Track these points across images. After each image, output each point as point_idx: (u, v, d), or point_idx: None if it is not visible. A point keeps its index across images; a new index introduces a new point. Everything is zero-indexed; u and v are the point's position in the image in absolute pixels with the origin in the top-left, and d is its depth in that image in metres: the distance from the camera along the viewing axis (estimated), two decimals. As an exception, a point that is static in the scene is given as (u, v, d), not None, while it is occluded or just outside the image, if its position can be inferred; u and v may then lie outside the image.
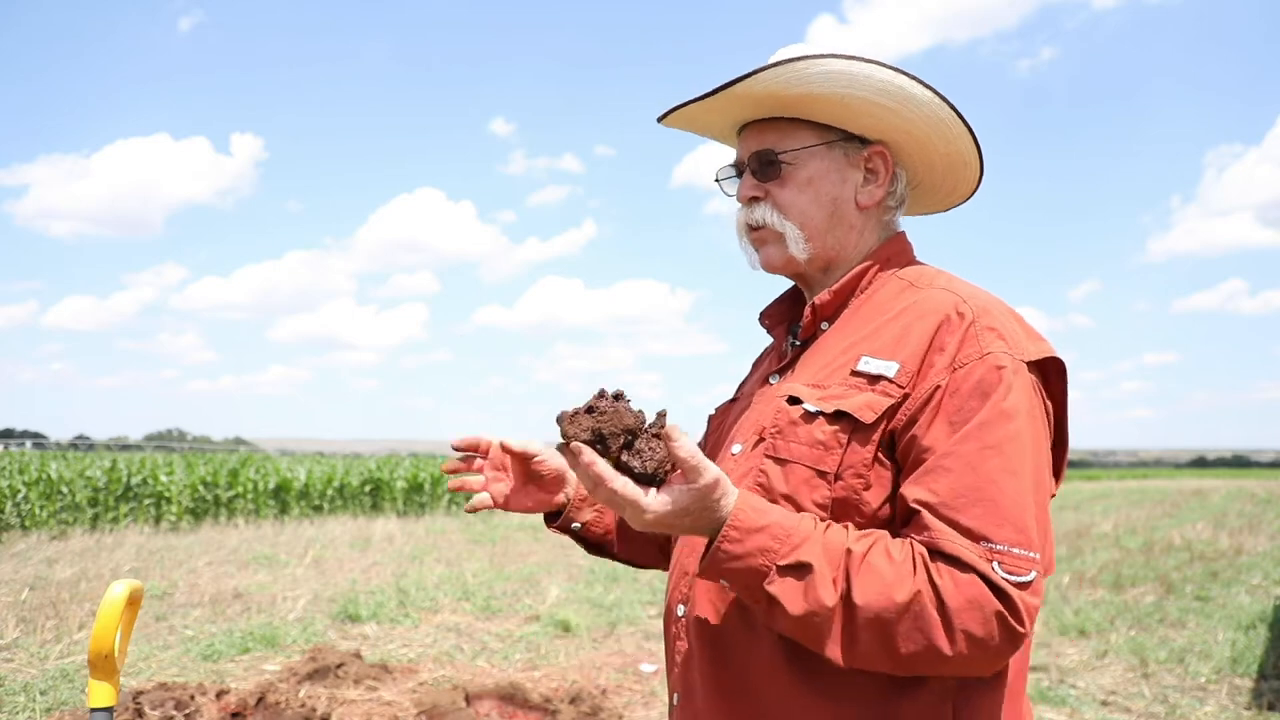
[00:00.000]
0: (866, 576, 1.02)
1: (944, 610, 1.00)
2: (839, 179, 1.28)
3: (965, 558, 1.01)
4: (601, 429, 1.01)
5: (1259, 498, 28.09)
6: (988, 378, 1.09)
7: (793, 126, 1.27)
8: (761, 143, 1.29)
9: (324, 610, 6.96)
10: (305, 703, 4.32)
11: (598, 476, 1.01)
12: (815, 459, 1.13)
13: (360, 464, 19.53)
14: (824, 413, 1.15)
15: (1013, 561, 1.01)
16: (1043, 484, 1.09)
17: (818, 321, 1.29)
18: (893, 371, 1.13)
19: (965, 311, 1.15)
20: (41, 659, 5.21)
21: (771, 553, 1.03)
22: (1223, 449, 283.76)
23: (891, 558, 1.03)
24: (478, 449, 1.45)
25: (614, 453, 1.02)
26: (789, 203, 1.27)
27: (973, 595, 1.00)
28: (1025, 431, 1.08)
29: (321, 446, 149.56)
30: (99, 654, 1.36)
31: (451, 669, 5.34)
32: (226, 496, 14.55)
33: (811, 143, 1.27)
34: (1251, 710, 4.83)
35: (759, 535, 1.04)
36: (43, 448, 39.67)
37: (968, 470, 1.05)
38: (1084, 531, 14.96)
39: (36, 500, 12.07)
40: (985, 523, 1.02)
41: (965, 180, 1.36)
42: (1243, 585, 8.99)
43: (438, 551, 10.90)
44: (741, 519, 1.04)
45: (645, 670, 5.45)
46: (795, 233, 1.27)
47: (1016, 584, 1.01)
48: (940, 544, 1.02)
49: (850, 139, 1.28)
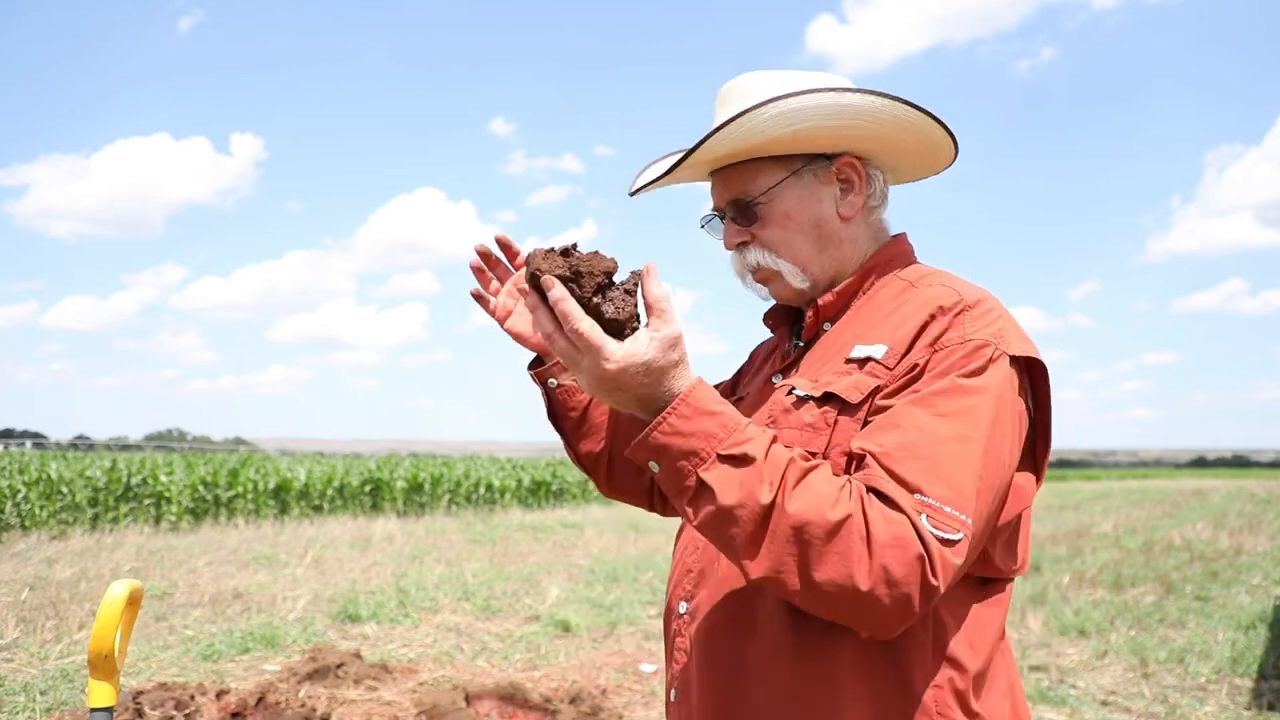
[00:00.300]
0: (803, 489, 1.00)
1: (869, 541, 0.98)
2: (815, 201, 1.29)
3: (897, 499, 1.00)
4: (579, 267, 0.98)
5: (1259, 498, 28.09)
6: (962, 359, 1.10)
7: (756, 166, 1.28)
8: (731, 190, 1.30)
9: (324, 610, 6.96)
10: (305, 703, 4.32)
11: (565, 313, 0.98)
12: (805, 441, 1.14)
13: (360, 464, 19.53)
14: (813, 396, 1.16)
15: (942, 518, 1.00)
16: (997, 462, 1.07)
17: (820, 322, 1.31)
18: (880, 353, 1.15)
19: (958, 301, 1.16)
20: (41, 659, 5.21)
21: (715, 439, 1.01)
22: (1223, 449, 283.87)
23: (830, 481, 1.02)
24: (508, 248, 1.44)
25: (587, 294, 0.98)
26: (775, 241, 1.28)
27: (898, 533, 0.98)
28: (986, 408, 1.07)
29: (321, 446, 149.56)
30: (99, 654, 1.36)
31: (451, 669, 5.34)
32: (226, 496, 14.55)
33: (779, 177, 1.27)
34: (1251, 710, 4.83)
35: (708, 419, 1.02)
36: (43, 448, 39.67)
37: (915, 429, 1.05)
38: (1084, 531, 14.95)
39: (36, 500, 12.07)
40: (921, 477, 1.02)
41: (943, 149, 1.34)
42: (1243, 585, 9.00)
43: (438, 551, 10.89)
44: (695, 398, 1.02)
45: (645, 670, 5.45)
46: (790, 268, 1.29)
47: (941, 539, 0.99)
48: (876, 483, 1.02)
49: (814, 159, 1.29)
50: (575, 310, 0.99)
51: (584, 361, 1.01)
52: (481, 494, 19.09)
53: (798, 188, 1.28)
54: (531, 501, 20.45)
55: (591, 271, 0.98)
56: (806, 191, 1.28)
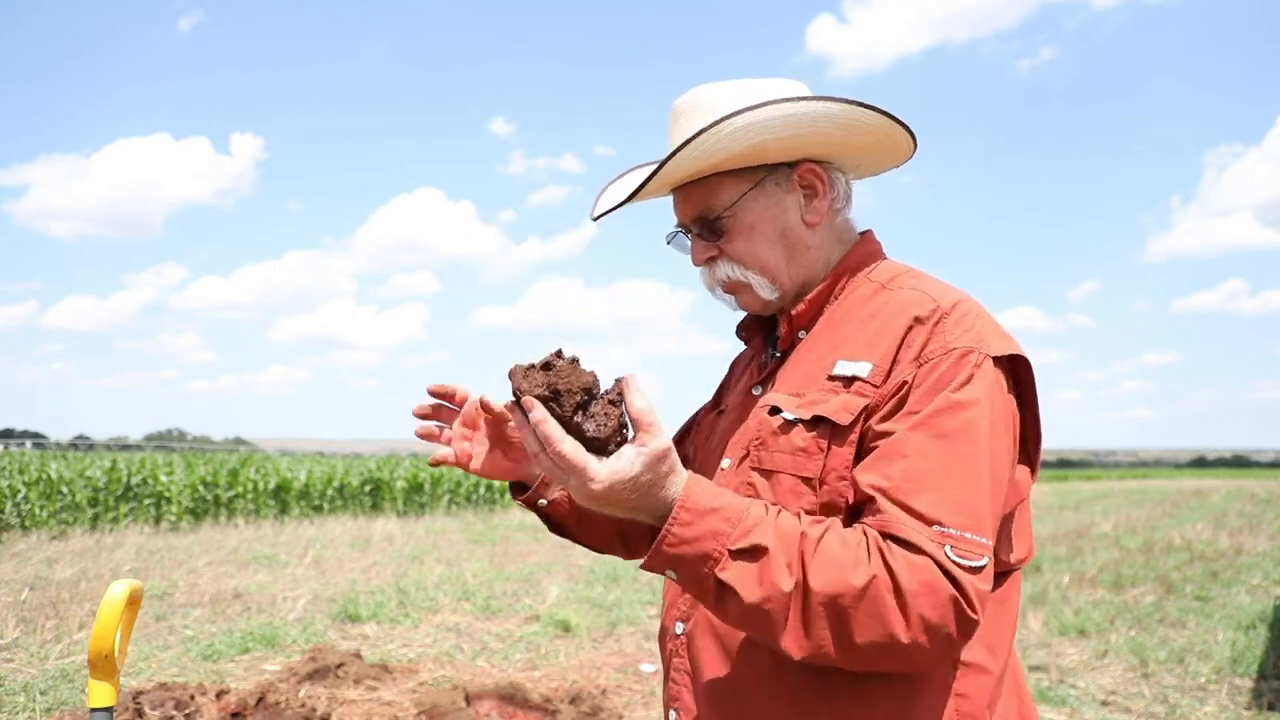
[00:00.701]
0: (822, 560, 0.99)
1: (900, 595, 0.98)
2: (780, 211, 1.28)
3: (917, 541, 1.00)
4: (557, 385, 0.97)
5: (1259, 498, 28.09)
6: (949, 371, 1.09)
7: (718, 181, 1.27)
8: (694, 207, 1.29)
9: (324, 610, 6.96)
10: (305, 703, 4.32)
11: (545, 436, 0.97)
12: (798, 466, 1.14)
13: (360, 464, 19.53)
14: (802, 419, 1.15)
15: (965, 546, 1.00)
16: (1000, 473, 1.08)
17: (795, 331, 1.30)
18: (866, 371, 1.14)
19: (935, 309, 1.15)
20: (41, 659, 5.21)
21: (724, 536, 1.00)
22: (1223, 449, 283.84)
23: (846, 542, 1.02)
24: (452, 398, 1.36)
25: (567, 413, 0.97)
26: (743, 254, 1.27)
27: (926, 579, 0.98)
28: (982, 420, 1.07)
29: (321, 446, 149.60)
30: (99, 654, 1.36)
31: (451, 669, 5.34)
32: (226, 496, 14.55)
33: (742, 190, 1.26)
34: (1251, 710, 4.83)
35: (711, 517, 1.00)
36: (43, 448, 39.66)
37: (920, 457, 1.05)
38: (1084, 531, 14.95)
39: (36, 500, 12.07)
40: (937, 507, 1.02)
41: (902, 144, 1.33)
42: (1243, 585, 8.99)
43: (438, 551, 10.90)
44: (692, 500, 1.01)
45: (645, 670, 5.45)
46: (759, 280, 1.28)
47: (968, 568, 1.00)
48: (892, 528, 1.02)
49: (775, 168, 1.27)
50: (556, 432, 0.97)
51: (571, 481, 0.99)
52: (481, 494, 19.09)
53: (761, 199, 1.27)
54: (531, 501, 20.44)
55: (570, 389, 0.97)
56: (770, 202, 1.27)
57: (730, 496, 1.05)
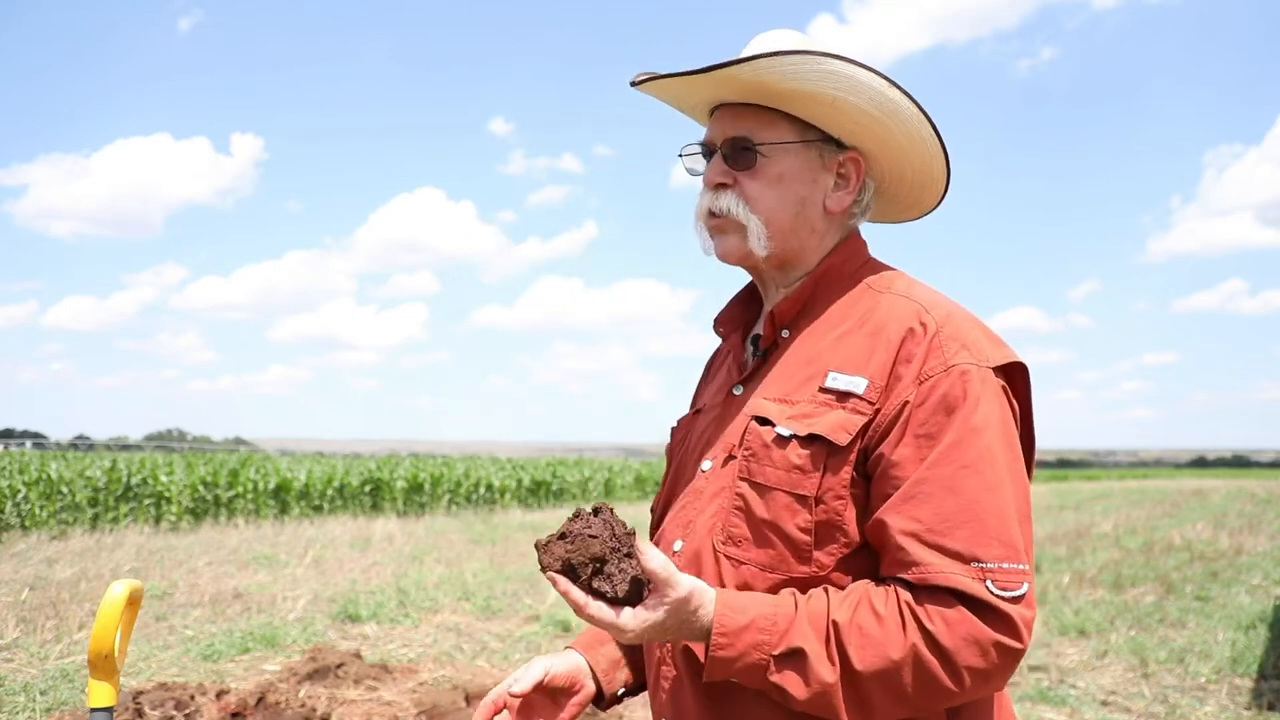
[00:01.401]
0: (860, 642, 1.03)
1: (943, 654, 1.01)
2: (810, 180, 1.25)
3: (960, 585, 1.02)
4: (570, 559, 1.05)
5: (1259, 498, 28.08)
6: (954, 391, 1.09)
7: (772, 117, 1.23)
8: (738, 128, 1.24)
9: (324, 610, 6.96)
10: (305, 703, 4.32)
11: (574, 604, 1.04)
12: (793, 484, 1.13)
13: (360, 464, 19.53)
14: (798, 436, 1.14)
15: (1005, 577, 1.03)
16: (1021, 491, 1.10)
17: (777, 330, 1.27)
18: (861, 388, 1.13)
19: (929, 321, 1.14)
20: (41, 659, 5.21)
21: (764, 645, 1.05)
22: (1223, 449, 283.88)
23: (880, 616, 1.04)
24: (500, 708, 1.29)
25: (586, 581, 1.05)
26: (757, 195, 1.23)
27: (967, 632, 1.01)
28: (998, 443, 1.08)
29: (321, 446, 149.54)
30: (99, 654, 1.36)
31: (451, 669, 5.34)
32: (226, 496, 14.55)
33: (790, 138, 1.23)
34: (1251, 710, 4.82)
35: (746, 633, 1.05)
36: (43, 448, 39.66)
37: (947, 494, 1.05)
38: (1084, 531, 14.95)
39: (36, 500, 12.07)
40: (973, 544, 1.03)
41: (930, 196, 1.34)
42: (1243, 585, 8.99)
43: (438, 551, 10.90)
44: (725, 622, 1.06)
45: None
46: (759, 227, 1.23)
47: (1010, 599, 1.02)
48: (932, 578, 1.03)
49: (828, 140, 1.25)
50: (580, 599, 1.04)
51: (609, 632, 1.06)
52: (481, 494, 19.10)
53: (802, 157, 1.24)
54: (531, 501, 20.46)
55: (582, 562, 1.05)
56: (807, 166, 1.24)
57: (757, 604, 1.07)
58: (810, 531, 1.11)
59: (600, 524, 1.06)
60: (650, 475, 25.64)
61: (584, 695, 1.35)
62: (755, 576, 1.14)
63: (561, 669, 1.32)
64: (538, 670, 1.27)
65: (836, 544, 1.11)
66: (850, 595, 1.07)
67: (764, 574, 1.14)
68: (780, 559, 1.13)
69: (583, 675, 1.35)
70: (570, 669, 1.33)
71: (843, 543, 1.11)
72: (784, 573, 1.13)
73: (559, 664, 1.31)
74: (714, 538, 1.18)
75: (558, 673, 1.31)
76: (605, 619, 1.04)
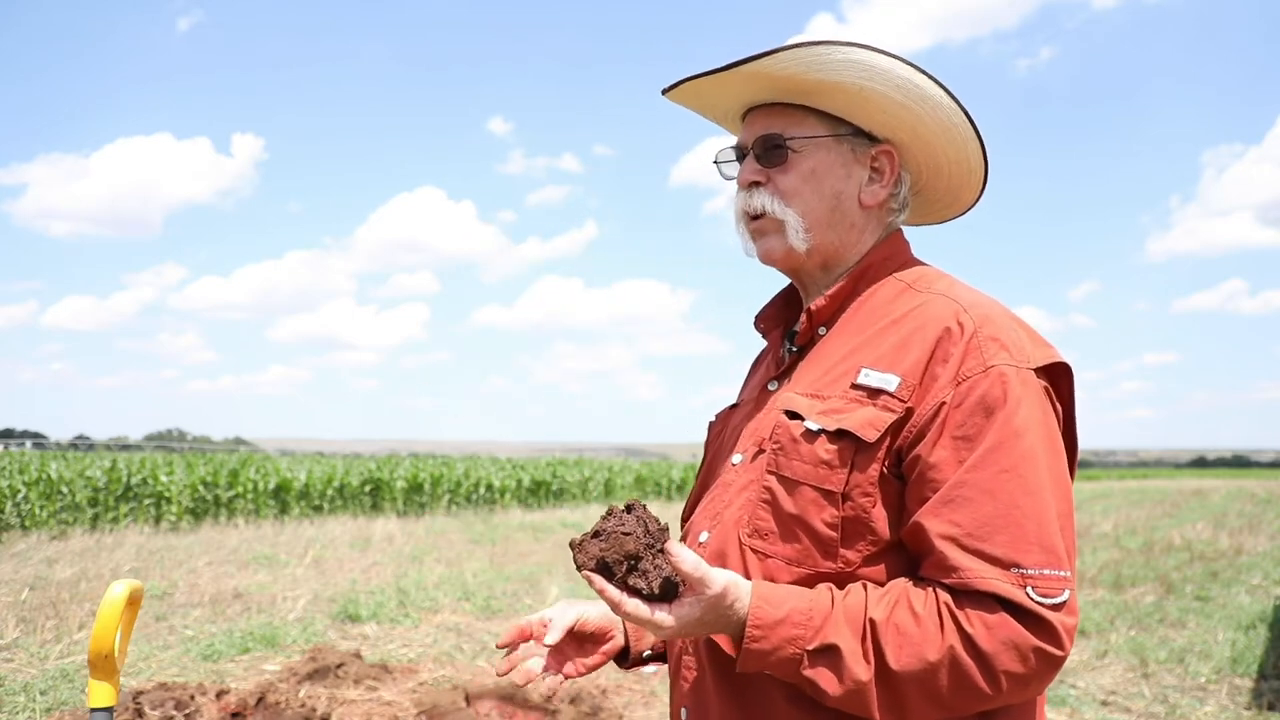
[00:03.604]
0: (896, 641, 1.02)
1: (981, 657, 1.01)
2: (844, 173, 1.24)
3: (1000, 591, 1.01)
4: (605, 557, 1.06)
5: (1259, 498, 28.08)
6: (992, 392, 1.07)
7: (802, 114, 1.24)
8: (769, 127, 1.25)
9: (324, 610, 6.96)
10: (305, 703, 4.32)
11: (610, 602, 1.05)
12: (820, 478, 1.12)
13: (360, 464, 19.53)
14: (826, 430, 1.13)
15: (1046, 584, 1.01)
16: (1063, 494, 1.08)
17: (814, 327, 1.27)
18: (893, 385, 1.11)
19: (966, 321, 1.12)
20: (41, 659, 5.21)
21: (799, 639, 1.05)
22: (1223, 449, 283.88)
23: (917, 616, 1.03)
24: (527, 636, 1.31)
25: (621, 578, 1.06)
26: (791, 190, 1.23)
27: (1006, 636, 1.00)
28: (1039, 446, 1.06)
29: (321, 446, 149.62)
30: (99, 654, 1.36)
31: (451, 669, 5.34)
32: (226, 496, 14.55)
33: (820, 133, 1.23)
34: (1251, 710, 4.83)
35: (781, 627, 1.05)
36: (43, 448, 39.66)
37: (987, 498, 1.04)
38: (1084, 531, 14.95)
39: (36, 500, 12.06)
40: (1013, 549, 1.02)
41: (969, 190, 1.33)
42: (1243, 585, 8.99)
43: (438, 551, 10.89)
44: (760, 615, 1.06)
45: (645, 670, 5.45)
46: (796, 221, 1.23)
47: (1052, 606, 1.01)
48: (972, 583, 1.02)
49: (859, 134, 1.24)
50: (616, 596, 1.04)
51: (647, 629, 1.07)
52: (481, 494, 19.09)
53: (834, 151, 1.24)
54: (531, 501, 20.45)
55: (617, 560, 1.06)
56: (839, 160, 1.24)
57: (794, 599, 1.07)
58: (837, 527, 1.11)
59: (634, 521, 1.07)
60: (650, 475, 25.63)
61: (612, 646, 1.37)
62: (780, 570, 1.14)
63: (594, 616, 1.34)
64: (570, 617, 1.29)
65: (864, 541, 1.10)
66: (889, 593, 1.06)
67: (789, 568, 1.13)
68: (806, 554, 1.12)
69: (615, 628, 1.38)
70: (603, 618, 1.35)
71: (870, 540, 1.10)
72: (810, 567, 1.12)
73: (592, 611, 1.33)
74: (740, 530, 1.18)
75: (590, 619, 1.33)
76: (642, 616, 1.04)
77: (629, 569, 1.05)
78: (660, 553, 1.06)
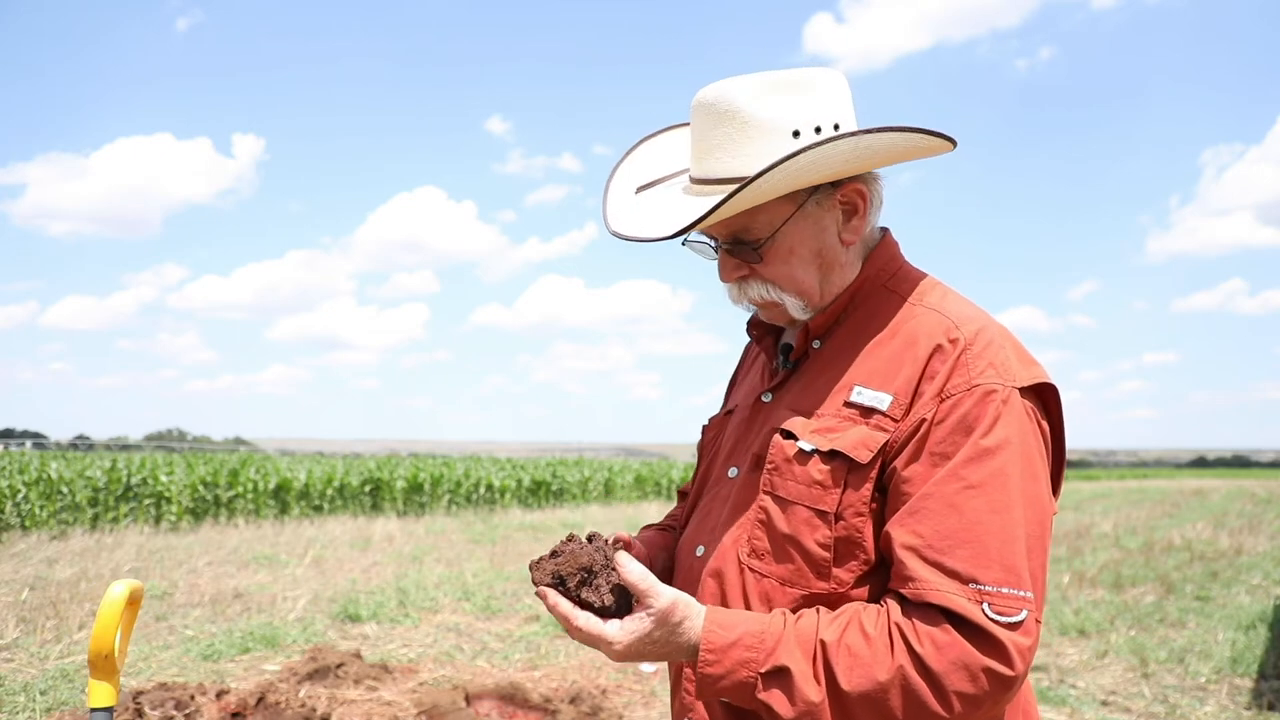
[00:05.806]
0: (846, 662, 1.02)
1: (931, 677, 1.00)
2: (818, 231, 1.21)
3: (954, 605, 1.01)
4: (559, 570, 1.09)
5: (1259, 498, 28.09)
6: (973, 410, 1.07)
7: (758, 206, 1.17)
8: (730, 227, 1.19)
9: (324, 610, 6.96)
10: (305, 703, 4.32)
11: (562, 616, 1.07)
12: (814, 499, 1.12)
13: (360, 464, 19.53)
14: (819, 451, 1.13)
15: (1003, 602, 1.01)
16: (1036, 516, 1.06)
17: (809, 341, 1.26)
18: (885, 404, 1.12)
19: (958, 337, 1.12)
20: (41, 659, 5.21)
21: (751, 663, 1.05)
22: (1223, 449, 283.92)
23: (868, 637, 1.03)
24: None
25: (574, 593, 1.09)
26: (779, 276, 1.21)
27: (957, 656, 1.00)
28: (1012, 464, 1.06)
29: (321, 446, 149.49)
30: (99, 654, 1.36)
31: (451, 669, 5.34)
32: (226, 496, 14.54)
33: (785, 214, 1.18)
34: (1251, 710, 4.83)
35: (733, 650, 1.06)
36: (43, 448, 39.67)
37: (950, 511, 1.04)
38: (1084, 531, 14.95)
39: (36, 500, 12.06)
40: (973, 565, 1.02)
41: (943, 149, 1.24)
42: (1243, 585, 8.99)
43: (438, 551, 10.89)
44: (713, 639, 1.07)
45: (645, 670, 5.45)
46: (793, 301, 1.22)
47: (1007, 625, 1.00)
48: (927, 595, 1.02)
49: (818, 188, 1.20)
50: (568, 611, 1.07)
51: (598, 647, 1.09)
52: (481, 494, 19.09)
53: (803, 222, 1.20)
54: (531, 501, 20.45)
55: (570, 572, 1.09)
56: (810, 224, 1.20)
57: (746, 622, 1.07)
58: (829, 548, 1.11)
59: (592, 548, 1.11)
60: (650, 475, 25.62)
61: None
62: (776, 591, 1.14)
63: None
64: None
65: (856, 561, 1.11)
66: (841, 615, 1.07)
67: (784, 588, 1.14)
68: (799, 574, 1.13)
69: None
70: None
71: (862, 560, 1.11)
72: (804, 588, 1.12)
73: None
74: (739, 550, 1.18)
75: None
76: (593, 631, 1.06)
77: (581, 582, 1.08)
78: (613, 570, 1.09)
